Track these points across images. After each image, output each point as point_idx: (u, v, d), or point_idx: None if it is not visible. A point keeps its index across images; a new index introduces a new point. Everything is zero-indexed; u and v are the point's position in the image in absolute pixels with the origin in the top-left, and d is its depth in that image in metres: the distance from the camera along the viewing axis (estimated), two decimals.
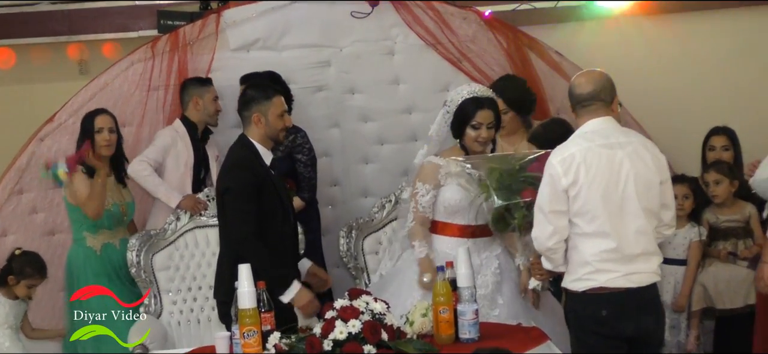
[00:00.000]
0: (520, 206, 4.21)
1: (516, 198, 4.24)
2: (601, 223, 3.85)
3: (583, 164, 3.84)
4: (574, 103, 3.99)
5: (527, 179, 4.20)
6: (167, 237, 5.38)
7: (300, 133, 5.70)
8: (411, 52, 6.09)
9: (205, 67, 5.91)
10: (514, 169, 4.23)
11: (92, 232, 5.35)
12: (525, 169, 4.22)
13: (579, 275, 3.92)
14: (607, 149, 3.88)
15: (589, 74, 4.04)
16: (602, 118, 3.96)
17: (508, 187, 4.23)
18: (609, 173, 3.85)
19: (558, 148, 3.94)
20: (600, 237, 3.86)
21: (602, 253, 3.86)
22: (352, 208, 6.12)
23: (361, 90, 6.13)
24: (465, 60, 6.05)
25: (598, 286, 3.89)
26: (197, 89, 5.69)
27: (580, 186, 3.84)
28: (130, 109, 5.84)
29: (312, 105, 6.06)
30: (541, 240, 3.93)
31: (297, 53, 6.03)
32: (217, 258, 4.74)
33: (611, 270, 3.87)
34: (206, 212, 5.43)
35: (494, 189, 4.24)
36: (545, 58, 6.07)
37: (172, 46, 5.88)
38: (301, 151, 5.68)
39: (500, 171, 4.25)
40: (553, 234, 3.89)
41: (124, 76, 5.86)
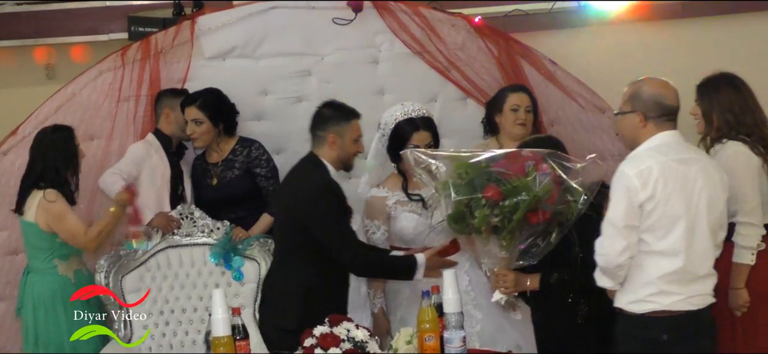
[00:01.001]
0: (481, 204, 4.16)
1: (477, 194, 4.18)
2: (673, 241, 3.90)
3: (661, 178, 3.88)
4: (659, 113, 4.01)
5: (491, 176, 4.17)
6: (138, 257, 5.38)
7: (254, 145, 5.69)
8: (396, 60, 6.09)
9: (179, 76, 5.91)
10: (479, 164, 4.21)
11: (64, 260, 5.28)
12: (490, 165, 4.19)
13: (641, 296, 3.96)
14: (682, 164, 3.95)
15: (669, 85, 4.09)
16: (672, 132, 4.04)
17: (470, 182, 4.19)
18: (684, 189, 3.91)
19: (630, 160, 3.96)
20: (669, 256, 3.91)
21: (669, 275, 3.91)
22: None
23: (343, 100, 5.95)
24: (454, 69, 6.06)
25: (660, 309, 3.94)
26: (170, 101, 5.70)
27: (657, 201, 3.88)
28: (99, 121, 5.82)
29: (292, 116, 6.02)
30: (611, 256, 3.94)
31: (276, 62, 6.03)
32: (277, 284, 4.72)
33: (675, 292, 3.93)
34: (179, 231, 5.46)
35: (453, 184, 4.20)
36: (538, 67, 6.08)
37: (144, 55, 5.86)
38: (259, 164, 5.64)
39: (464, 165, 4.22)
40: (625, 250, 3.91)
41: (93, 85, 5.84)
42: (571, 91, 6.05)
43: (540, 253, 4.25)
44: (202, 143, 5.67)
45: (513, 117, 5.36)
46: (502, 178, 4.12)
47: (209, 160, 5.74)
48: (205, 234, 5.47)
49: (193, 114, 5.58)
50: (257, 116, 6.04)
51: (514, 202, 4.10)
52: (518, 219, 4.10)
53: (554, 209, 4.14)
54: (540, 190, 4.08)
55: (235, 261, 5.40)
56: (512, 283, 4.33)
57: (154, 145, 5.67)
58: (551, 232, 4.20)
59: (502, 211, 4.12)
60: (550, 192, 4.11)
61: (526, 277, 4.37)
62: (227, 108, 5.70)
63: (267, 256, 5.36)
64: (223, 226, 5.48)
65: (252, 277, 5.39)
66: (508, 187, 4.11)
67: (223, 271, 5.42)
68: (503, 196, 4.11)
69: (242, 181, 5.62)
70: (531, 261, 4.28)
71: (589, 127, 6.06)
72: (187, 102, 5.62)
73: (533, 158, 4.18)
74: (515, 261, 4.31)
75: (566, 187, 4.15)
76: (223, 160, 5.68)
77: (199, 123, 5.58)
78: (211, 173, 5.71)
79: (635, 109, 4.03)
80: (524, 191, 4.09)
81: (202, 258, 5.45)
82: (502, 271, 4.31)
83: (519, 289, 4.39)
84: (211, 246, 5.43)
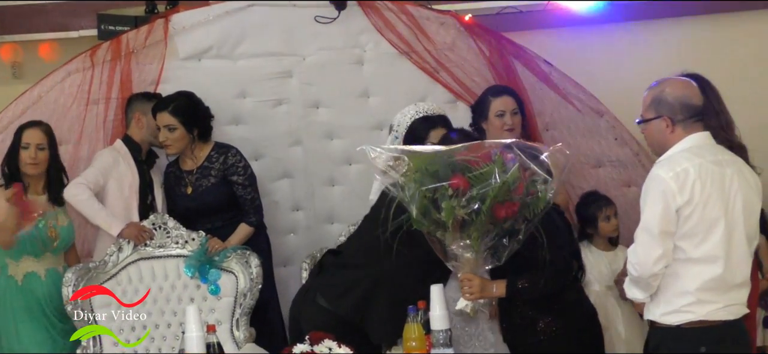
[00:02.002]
0: (446, 194, 4.14)
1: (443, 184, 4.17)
2: (710, 248, 3.90)
3: (698, 181, 3.88)
4: (686, 116, 4.00)
5: (456, 166, 4.16)
6: (108, 270, 5.39)
7: (231, 151, 5.69)
8: (382, 61, 6.09)
9: (152, 77, 5.93)
10: (442, 155, 4.21)
11: (15, 259, 5.33)
12: (454, 155, 4.19)
13: (676, 307, 3.94)
14: (718, 166, 3.95)
15: (690, 84, 4.08)
16: (704, 133, 4.03)
17: (433, 173, 4.17)
18: (721, 192, 3.91)
19: (665, 163, 3.96)
20: (706, 263, 3.90)
21: (707, 282, 3.90)
22: (316, 235, 6.12)
23: (326, 104, 6.13)
24: (443, 70, 6.06)
25: (697, 319, 3.92)
26: (142, 105, 5.70)
27: (694, 205, 3.87)
28: (67, 124, 5.84)
29: (271, 120, 6.06)
30: (647, 265, 3.92)
31: (254, 62, 6.04)
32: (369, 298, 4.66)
33: (712, 301, 3.91)
34: (152, 242, 5.46)
35: (415, 179, 4.18)
36: (532, 68, 6.08)
37: (114, 55, 5.88)
38: (236, 172, 5.64)
39: (427, 157, 4.22)
40: (660, 258, 3.90)
41: (60, 87, 5.86)
42: (567, 93, 6.04)
43: (507, 253, 4.24)
44: (176, 150, 5.67)
45: (499, 123, 5.35)
46: (468, 166, 4.12)
47: (183, 167, 5.74)
48: (180, 245, 5.47)
49: (165, 120, 5.58)
50: (235, 120, 6.06)
51: (483, 191, 4.09)
52: (487, 209, 4.08)
53: (522, 200, 4.14)
54: (509, 176, 4.08)
55: (211, 274, 5.39)
56: (478, 288, 4.32)
57: (123, 152, 5.68)
58: (519, 230, 4.20)
59: (470, 201, 4.11)
60: (518, 180, 4.11)
61: (493, 283, 4.37)
62: (201, 112, 5.69)
63: (245, 268, 5.38)
64: (198, 237, 5.48)
65: (229, 291, 5.38)
66: (475, 175, 4.12)
67: (199, 284, 5.41)
68: (471, 184, 4.11)
69: (218, 190, 5.64)
70: (497, 262, 4.28)
71: (586, 132, 6.06)
72: (158, 107, 5.62)
73: (497, 146, 4.19)
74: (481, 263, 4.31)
75: (533, 177, 4.16)
76: (198, 167, 5.68)
77: (172, 129, 5.59)
78: (185, 181, 5.72)
79: (660, 114, 4.02)
80: (492, 177, 4.08)
81: (176, 271, 5.44)
82: (468, 275, 4.30)
83: (485, 296, 4.38)
84: (186, 258, 5.43)
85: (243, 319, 5.35)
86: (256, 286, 5.37)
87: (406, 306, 4.19)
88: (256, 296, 5.37)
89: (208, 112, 5.73)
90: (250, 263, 5.39)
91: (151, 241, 5.47)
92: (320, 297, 4.63)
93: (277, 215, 6.10)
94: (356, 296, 4.59)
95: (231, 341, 5.29)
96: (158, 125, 5.61)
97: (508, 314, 4.53)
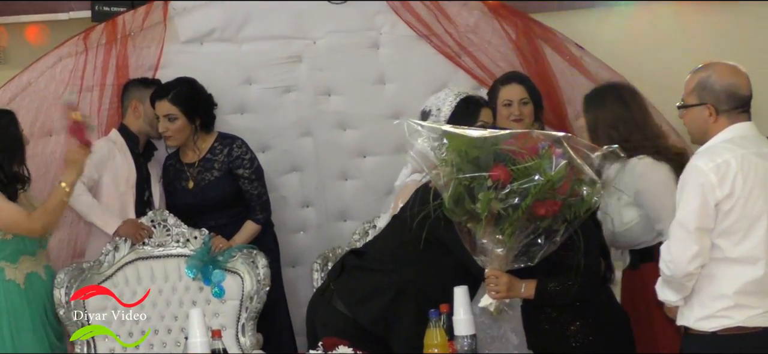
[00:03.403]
0: (485, 185, 4.08)
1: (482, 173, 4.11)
2: (751, 247, 3.88)
3: (740, 173, 3.86)
4: (732, 106, 3.99)
5: (499, 155, 4.11)
6: (103, 271, 5.42)
7: (236, 142, 5.70)
8: (399, 45, 6.09)
9: (150, 62, 5.94)
10: (485, 141, 4.16)
11: (12, 262, 5.24)
12: (499, 143, 4.14)
13: (712, 311, 3.92)
14: (761, 159, 3.93)
15: (741, 71, 4.07)
16: (748, 124, 4.03)
17: (474, 160, 4.12)
18: (765, 187, 3.89)
19: (704, 154, 3.95)
20: (746, 263, 3.89)
21: (746, 285, 3.88)
22: (328, 234, 6.14)
23: (338, 91, 6.14)
24: (465, 54, 6.06)
25: (735, 325, 3.90)
26: (139, 92, 5.72)
27: (735, 199, 3.86)
28: (58, 114, 5.79)
29: (279, 109, 6.07)
30: (681, 263, 3.90)
31: (261, 46, 6.04)
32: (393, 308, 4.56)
33: (752, 306, 3.89)
34: (151, 241, 5.49)
35: (455, 162, 4.13)
36: (562, 52, 6.08)
37: (109, 38, 5.89)
38: (242, 165, 5.65)
39: (468, 140, 4.17)
40: (696, 256, 3.88)
41: (51, 73, 5.87)
42: (600, 79, 5.93)
43: (541, 254, 4.21)
44: (176, 142, 5.69)
45: (506, 112, 5.38)
46: (512, 157, 4.08)
47: (184, 160, 5.75)
48: (181, 244, 5.49)
49: (165, 109, 5.60)
50: (239, 109, 6.07)
51: (525, 186, 4.05)
52: (526, 206, 4.05)
53: (565, 200, 4.11)
54: (555, 173, 4.03)
55: (214, 275, 5.42)
56: (505, 286, 4.28)
57: (118, 143, 5.69)
58: (557, 231, 4.18)
59: (510, 195, 4.06)
60: (564, 179, 4.07)
61: (521, 282, 4.34)
62: (204, 101, 5.71)
63: (252, 269, 5.40)
64: (201, 235, 5.50)
65: (234, 294, 5.40)
66: (519, 168, 4.06)
67: (202, 286, 5.43)
68: (513, 177, 4.06)
69: (222, 184, 5.66)
70: (529, 262, 4.24)
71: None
72: (157, 95, 5.63)
73: (546, 139, 4.15)
74: (511, 261, 4.27)
75: (581, 177, 4.12)
76: (201, 160, 5.70)
77: (172, 119, 5.60)
78: (186, 175, 5.74)
79: (704, 101, 4.00)
80: (537, 174, 4.04)
81: (176, 271, 5.46)
82: (495, 271, 4.27)
83: (511, 295, 4.35)
84: (188, 258, 5.45)
85: (249, 324, 5.38)
86: (264, 288, 5.39)
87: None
88: (263, 299, 5.39)
89: (211, 101, 5.74)
90: (257, 264, 5.41)
91: (149, 240, 5.49)
92: (338, 300, 4.56)
93: (286, 212, 6.12)
94: (379, 305, 4.50)
95: (237, 348, 5.32)
96: (157, 114, 5.62)
97: (535, 317, 4.54)
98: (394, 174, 5.67)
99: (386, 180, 5.97)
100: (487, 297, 4.34)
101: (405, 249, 4.48)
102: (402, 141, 5.75)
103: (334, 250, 5.43)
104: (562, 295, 4.36)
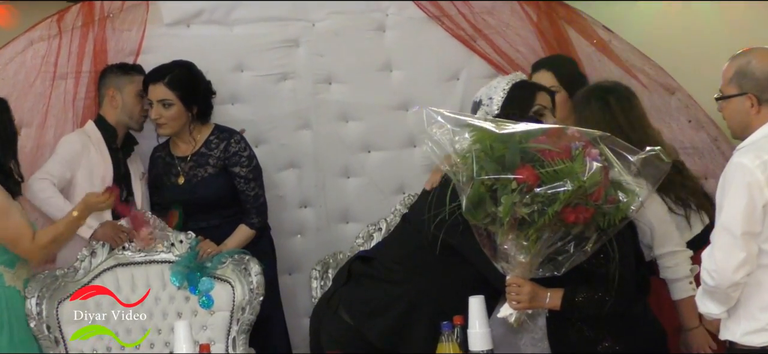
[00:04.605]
0: (509, 187, 4.07)
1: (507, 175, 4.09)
2: None
3: None
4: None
5: (526, 154, 4.10)
6: (78, 278, 5.39)
7: (234, 137, 5.69)
8: (408, 27, 6.09)
9: (131, 47, 5.95)
10: (512, 137, 4.14)
11: (10, 267, 5.28)
12: (526, 140, 4.13)
13: (762, 324, 3.91)
14: None
15: None
16: None
17: (499, 159, 4.11)
18: None
19: (749, 150, 3.95)
20: None
21: None
22: (328, 237, 6.13)
23: (340, 79, 6.14)
24: (481, 38, 6.06)
25: None
26: (117, 79, 5.69)
27: None
28: (29, 104, 5.84)
29: (275, 99, 6.06)
30: (726, 272, 3.87)
31: (254, 29, 6.05)
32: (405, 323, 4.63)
33: None
34: (131, 245, 5.46)
35: (477, 157, 4.12)
36: (589, 36, 6.09)
37: (86, 20, 5.88)
38: (239, 162, 5.64)
39: (493, 136, 4.15)
40: (743, 264, 3.86)
41: (21, 60, 5.86)
42: (631, 65, 6.04)
43: (568, 263, 4.21)
44: (170, 131, 5.65)
45: None
46: (540, 158, 4.06)
47: (175, 152, 5.74)
48: (165, 248, 5.47)
49: (160, 93, 5.57)
50: (230, 98, 6.06)
51: (553, 191, 4.03)
52: (553, 213, 4.03)
53: (599, 208, 4.09)
54: (587, 179, 4.02)
55: (201, 283, 5.39)
56: (527, 296, 4.29)
57: (94, 136, 5.64)
58: (588, 238, 4.17)
59: (535, 200, 4.04)
60: (598, 184, 4.05)
61: (546, 291, 4.34)
62: (203, 88, 5.71)
63: (244, 276, 5.37)
64: (187, 239, 5.47)
65: (224, 304, 5.38)
66: (548, 171, 4.03)
67: (188, 295, 5.41)
68: (540, 180, 4.04)
69: (216, 182, 5.62)
70: (554, 272, 4.24)
71: (654, 112, 5.95)
72: (152, 78, 5.61)
73: (581, 139, 4.11)
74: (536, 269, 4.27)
75: (617, 182, 4.12)
76: (194, 153, 5.69)
77: (167, 105, 5.58)
78: (176, 169, 5.71)
79: (744, 90, 3.99)
80: (568, 179, 4.02)
81: (160, 279, 5.44)
82: (517, 279, 4.28)
83: (534, 306, 4.37)
84: (173, 264, 5.41)
85: (241, 338, 5.33)
86: (257, 298, 5.34)
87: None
88: (256, 310, 5.34)
89: (210, 88, 5.74)
90: (250, 271, 5.36)
91: (130, 244, 5.45)
92: (344, 311, 4.60)
93: (282, 213, 6.10)
94: (389, 319, 4.53)
95: None
96: (151, 99, 5.60)
97: (561, 331, 4.51)
98: (401, 171, 6.07)
99: (393, 178, 6.16)
100: (507, 306, 4.36)
101: (417, 256, 4.53)
102: (411, 134, 5.97)
103: (335, 255, 5.41)
104: (592, 307, 4.34)
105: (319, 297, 5.03)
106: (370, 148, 6.17)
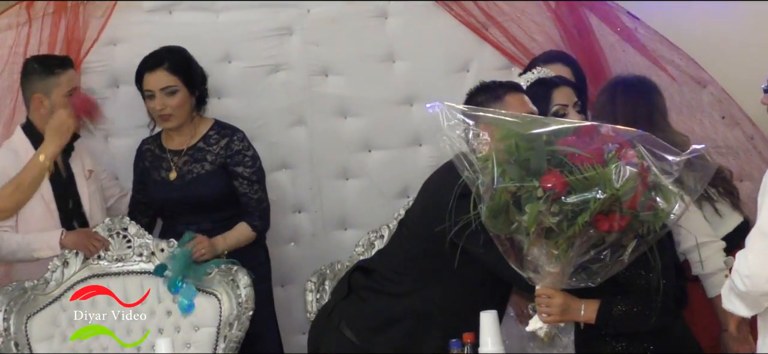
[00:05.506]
0: (534, 195, 3.99)
1: (532, 181, 4.00)
2: None
3: None
4: None
5: (555, 157, 4.01)
6: (49, 291, 5.36)
7: (237, 134, 5.67)
8: (412, 14, 6.07)
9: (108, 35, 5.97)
10: (539, 138, 4.05)
11: None
12: (555, 141, 4.04)
13: None
14: None
15: None
16: None
17: (523, 163, 4.03)
18: None
19: None
20: None
21: None
22: (324, 245, 6.14)
23: (337, 70, 6.11)
24: (493, 25, 6.03)
25: None
26: (40, 83, 5.53)
27: None
28: None
29: (266, 92, 6.06)
30: (760, 279, 3.78)
31: (243, 16, 6.06)
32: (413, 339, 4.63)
33: None
34: (107, 254, 5.42)
35: (500, 161, 4.04)
36: (613, 23, 6.04)
37: (58, 7, 5.89)
38: (243, 162, 5.62)
39: (517, 135, 4.06)
40: None
41: None
42: (659, 56, 6.00)
43: (604, 273, 4.14)
44: (178, 121, 5.59)
45: None
46: (569, 163, 3.97)
47: (168, 144, 5.71)
48: (144, 258, 5.41)
49: (162, 81, 5.53)
50: (217, 92, 6.02)
51: (583, 199, 3.95)
52: (583, 223, 3.96)
53: (635, 216, 4.00)
54: (621, 187, 3.93)
55: (184, 289, 5.35)
56: (559, 309, 4.24)
57: (22, 148, 5.53)
58: (625, 246, 4.09)
59: (564, 209, 3.97)
60: (634, 191, 3.97)
61: (580, 302, 4.28)
62: (199, 72, 5.70)
63: (231, 288, 5.31)
64: (168, 248, 5.42)
65: (210, 320, 5.34)
66: (577, 178, 3.95)
67: (170, 310, 5.37)
68: (569, 188, 3.96)
69: (213, 181, 5.58)
70: (589, 283, 4.18)
71: (684, 107, 6.00)
72: (148, 67, 5.56)
73: (617, 139, 4.03)
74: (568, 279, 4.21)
75: (656, 186, 4.02)
76: (190, 147, 5.67)
77: (172, 92, 5.53)
78: (168, 163, 5.67)
79: None
80: (598, 187, 3.93)
81: (139, 291, 5.39)
82: (547, 290, 4.22)
83: (567, 319, 4.32)
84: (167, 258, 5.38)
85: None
86: (246, 312, 5.28)
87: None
88: (245, 326, 5.29)
89: (204, 73, 5.74)
90: (238, 282, 5.30)
91: (105, 253, 5.41)
92: (347, 327, 4.61)
93: (274, 218, 5.93)
94: (395, 336, 4.53)
95: None
96: (151, 90, 5.57)
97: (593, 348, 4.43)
98: (405, 172, 6.05)
99: (396, 179, 6.15)
100: (536, 319, 4.30)
101: (419, 263, 4.55)
102: (415, 131, 6.00)
103: (332, 265, 5.36)
104: (632, 322, 4.28)
105: (318, 310, 5.04)
106: (370, 147, 6.16)
